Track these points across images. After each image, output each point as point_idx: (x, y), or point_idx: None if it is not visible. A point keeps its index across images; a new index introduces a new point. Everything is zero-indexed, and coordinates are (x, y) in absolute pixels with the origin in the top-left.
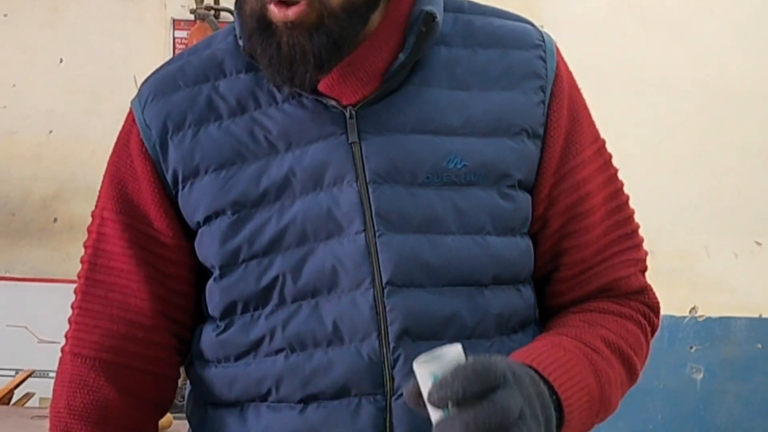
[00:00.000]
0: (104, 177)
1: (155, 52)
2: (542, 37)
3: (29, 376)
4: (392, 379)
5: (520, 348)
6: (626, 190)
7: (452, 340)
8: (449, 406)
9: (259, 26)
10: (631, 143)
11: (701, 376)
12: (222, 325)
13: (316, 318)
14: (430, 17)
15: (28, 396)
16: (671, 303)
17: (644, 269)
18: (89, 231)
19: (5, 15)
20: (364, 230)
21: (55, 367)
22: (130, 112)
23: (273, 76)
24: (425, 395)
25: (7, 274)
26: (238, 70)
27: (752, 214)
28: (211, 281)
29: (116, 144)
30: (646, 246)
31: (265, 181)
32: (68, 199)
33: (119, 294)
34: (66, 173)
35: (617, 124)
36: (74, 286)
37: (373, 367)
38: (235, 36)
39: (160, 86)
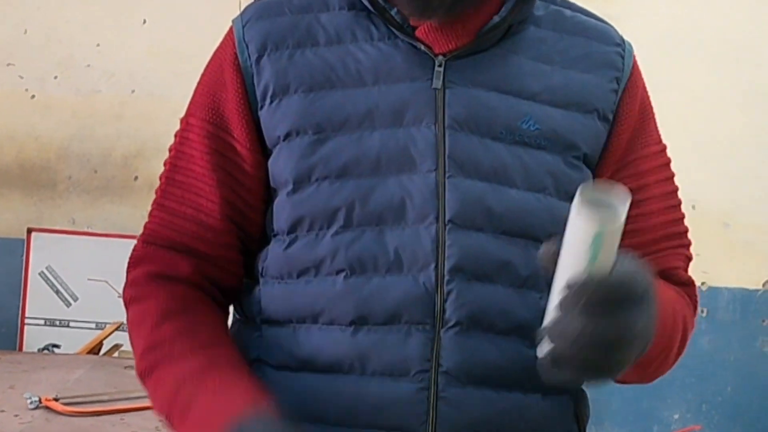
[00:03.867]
0: (196, 88)
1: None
2: (623, 39)
3: (117, 328)
4: (443, 311)
5: None
6: (702, 162)
7: (504, 286)
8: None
9: None
10: (711, 113)
11: None
12: (288, 239)
13: (380, 244)
14: None
15: (116, 347)
16: (744, 276)
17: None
18: (175, 135)
19: None
20: (435, 170)
21: None
22: (230, 30)
23: (408, 3)
24: (579, 244)
25: (89, 230)
26: (341, 6)
27: None
28: (282, 196)
29: (212, 58)
30: (721, 218)
31: (348, 109)
32: (149, 157)
33: (194, 195)
34: (147, 132)
35: (700, 92)
36: None
37: (427, 296)
38: None
39: (265, 9)
